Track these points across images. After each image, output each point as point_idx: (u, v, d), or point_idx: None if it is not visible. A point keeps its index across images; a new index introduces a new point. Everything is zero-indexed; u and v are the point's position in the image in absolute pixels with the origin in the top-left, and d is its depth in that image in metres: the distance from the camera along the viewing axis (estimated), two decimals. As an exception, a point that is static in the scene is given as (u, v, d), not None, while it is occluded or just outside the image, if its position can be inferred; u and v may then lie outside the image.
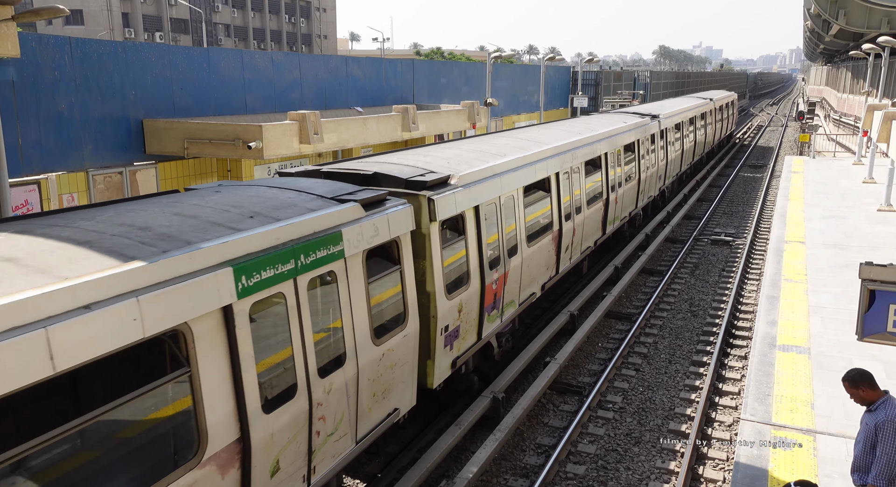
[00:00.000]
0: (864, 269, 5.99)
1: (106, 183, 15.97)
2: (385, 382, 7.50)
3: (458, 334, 9.12)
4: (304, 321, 6.24)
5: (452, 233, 9.01)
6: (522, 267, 11.10)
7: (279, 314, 5.98)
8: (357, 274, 6.99)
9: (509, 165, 10.83)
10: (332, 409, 6.60)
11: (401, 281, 7.79)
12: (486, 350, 10.52)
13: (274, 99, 20.74)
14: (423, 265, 8.36)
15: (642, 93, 53.11)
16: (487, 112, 26.50)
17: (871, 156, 23.61)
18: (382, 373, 7.42)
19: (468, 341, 9.47)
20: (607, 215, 16.20)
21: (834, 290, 12.58)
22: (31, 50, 14.02)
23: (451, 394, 9.97)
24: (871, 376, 5.51)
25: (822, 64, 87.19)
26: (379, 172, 8.66)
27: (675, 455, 9.28)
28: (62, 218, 5.75)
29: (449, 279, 8.79)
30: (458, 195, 8.92)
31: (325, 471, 6.61)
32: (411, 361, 8.01)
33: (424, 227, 8.30)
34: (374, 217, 7.28)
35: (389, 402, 7.66)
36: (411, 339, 7.93)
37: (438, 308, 8.45)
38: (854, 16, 37.88)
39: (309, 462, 6.41)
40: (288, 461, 6.09)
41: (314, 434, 6.38)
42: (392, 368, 7.61)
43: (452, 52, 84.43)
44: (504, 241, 10.36)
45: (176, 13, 66.05)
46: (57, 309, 4.20)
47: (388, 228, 7.45)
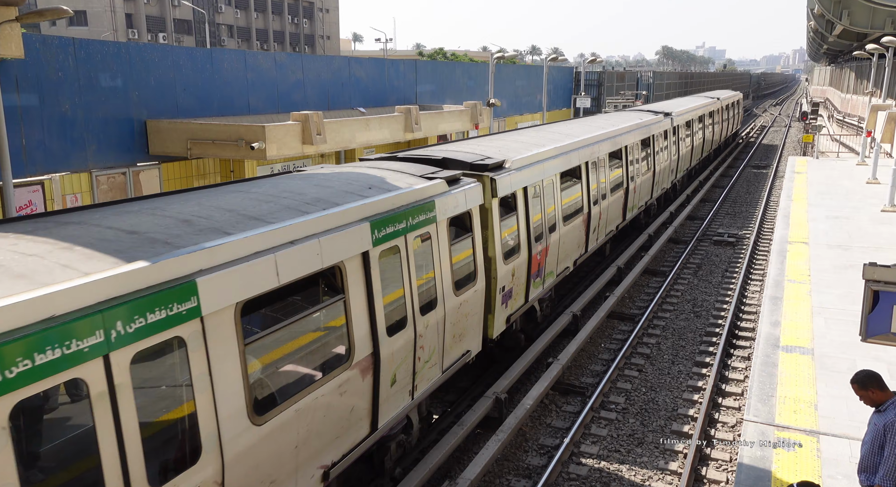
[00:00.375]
0: (867, 270, 5.97)
1: (109, 183, 16.00)
2: (461, 327, 9.13)
3: (512, 295, 10.76)
4: (411, 270, 7.93)
5: (507, 209, 10.58)
6: (560, 243, 12.70)
7: (396, 262, 7.68)
8: (444, 237, 8.62)
9: (548, 154, 12.42)
10: (428, 342, 8.31)
11: (472, 246, 9.42)
12: (529, 313, 12.09)
13: (277, 99, 20.77)
14: (486, 234, 9.94)
15: (645, 94, 53.07)
16: (490, 112, 26.51)
17: (875, 156, 23.55)
18: (460, 320, 9.04)
19: (518, 302, 11.14)
20: (627, 203, 17.73)
21: (837, 291, 12.55)
22: (35, 51, 14.06)
23: (502, 350, 11.58)
24: (879, 377, 5.50)
25: (826, 64, 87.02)
26: (447, 157, 10.16)
27: (678, 455, 9.27)
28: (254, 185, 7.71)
29: (505, 247, 10.41)
30: (512, 177, 10.53)
31: (422, 391, 8.33)
32: (479, 313, 9.63)
33: (487, 202, 9.89)
34: (455, 192, 8.88)
35: (463, 344, 9.32)
36: (479, 294, 9.54)
37: (498, 271, 10.11)
38: (858, 16, 37.80)
39: (413, 381, 8.09)
40: (401, 376, 7.81)
41: (417, 359, 8.07)
42: (466, 316, 9.22)
43: (455, 53, 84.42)
44: (546, 219, 12.01)
45: (179, 14, 66.17)
46: (282, 240, 6.10)
47: (464, 201, 9.08)
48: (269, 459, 5.80)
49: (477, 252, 9.42)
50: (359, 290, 6.95)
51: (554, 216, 12.38)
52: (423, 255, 8.20)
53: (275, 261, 5.82)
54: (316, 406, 6.28)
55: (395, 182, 8.35)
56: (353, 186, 7.84)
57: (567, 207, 13.12)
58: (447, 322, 8.65)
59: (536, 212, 11.55)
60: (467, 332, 9.32)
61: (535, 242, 11.45)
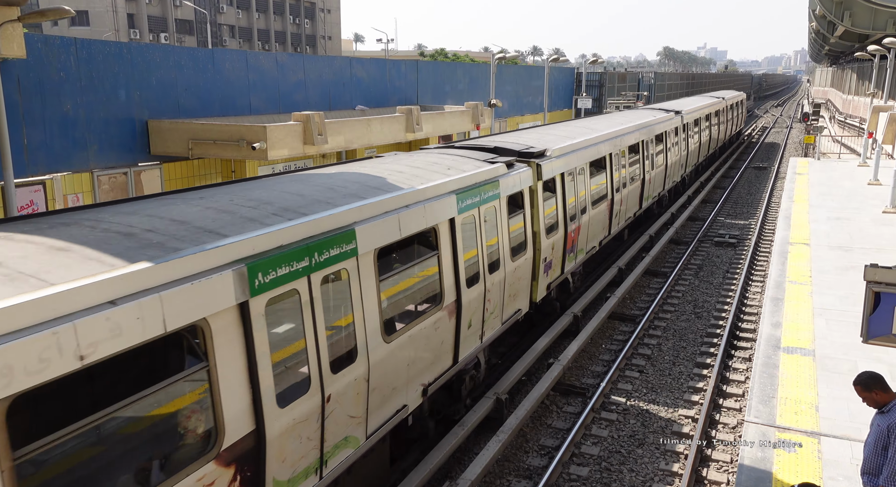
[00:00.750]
0: (868, 271, 5.97)
1: (111, 183, 16.01)
2: (514, 288, 10.66)
3: (551, 266, 12.38)
4: (482, 235, 9.39)
5: (548, 192, 12.12)
6: (589, 224, 14.33)
7: (472, 228, 9.17)
8: (504, 210, 10.15)
9: (580, 145, 13.99)
10: (493, 296, 9.81)
11: (523, 220, 10.99)
12: (563, 285, 13.74)
13: (278, 100, 20.79)
14: (533, 212, 11.41)
15: (646, 95, 53.05)
16: (491, 113, 26.51)
17: (877, 157, 23.54)
18: (514, 282, 10.57)
19: (556, 273, 12.73)
20: (643, 192, 19.44)
21: (839, 292, 12.54)
22: (36, 51, 14.07)
23: (541, 315, 13.17)
24: (882, 379, 5.48)
25: (827, 65, 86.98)
26: (498, 146, 11.78)
27: (679, 456, 9.26)
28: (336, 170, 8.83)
29: (547, 224, 11.96)
30: (553, 163, 12.12)
31: (488, 336, 9.91)
32: (528, 278, 11.25)
33: (533, 184, 11.39)
34: (512, 174, 10.47)
35: (516, 304, 10.92)
36: (528, 262, 11.16)
37: (542, 243, 11.67)
38: (859, 17, 37.79)
39: (482, 327, 9.64)
40: (474, 321, 9.33)
41: (485, 310, 9.60)
42: (518, 280, 10.79)
43: (456, 54, 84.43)
44: (578, 202, 13.59)
45: (181, 14, 66.23)
46: (401, 204, 7.66)
47: (518, 182, 10.66)
48: (393, 369, 7.49)
49: (527, 226, 11.13)
50: (447, 248, 8.53)
51: (584, 200, 14.06)
52: (491, 225, 9.77)
53: (398, 219, 7.50)
54: (420, 335, 7.94)
55: (465, 165, 9.88)
56: (436, 167, 9.45)
57: (595, 193, 14.80)
58: (506, 282, 10.28)
59: (571, 195, 13.21)
60: (519, 293, 10.98)
61: (570, 221, 13.12)
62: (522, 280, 10.95)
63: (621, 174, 16.70)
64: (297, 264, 6.00)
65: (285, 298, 5.91)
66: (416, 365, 7.93)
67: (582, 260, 14.21)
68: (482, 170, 9.73)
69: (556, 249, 12.35)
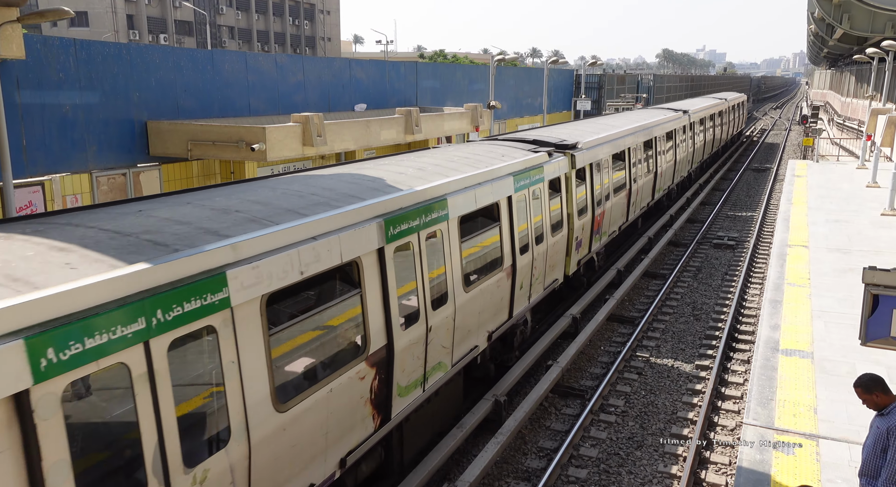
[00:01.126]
0: (867, 274, 5.96)
1: (109, 184, 16.00)
2: (553, 260, 12.39)
3: (581, 244, 13.98)
4: (531, 212, 11.19)
5: (579, 179, 13.72)
6: (611, 210, 16.01)
7: (524, 205, 10.88)
8: (546, 193, 11.86)
9: (604, 139, 15.66)
10: (538, 264, 11.59)
11: (560, 202, 12.60)
12: (589, 263, 15.29)
13: (277, 101, 20.79)
14: (568, 196, 13.01)
15: (645, 97, 53.09)
16: (490, 115, 26.52)
17: (875, 160, 23.56)
18: (553, 254, 12.33)
19: (584, 251, 14.37)
20: (656, 184, 21.17)
21: (837, 295, 12.55)
22: (35, 51, 14.07)
23: (569, 289, 14.84)
24: (883, 381, 5.48)
25: (826, 68, 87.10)
26: (536, 139, 13.53)
27: (678, 459, 9.26)
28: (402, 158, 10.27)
29: (578, 207, 13.57)
30: (583, 154, 13.73)
31: (534, 298, 11.72)
32: (563, 253, 13.01)
33: (568, 172, 13.00)
34: (552, 161, 12.15)
35: (553, 274, 12.63)
36: (564, 239, 12.86)
37: (574, 223, 13.28)
38: (858, 20, 37.83)
39: (530, 289, 11.38)
40: (525, 284, 11.09)
41: (532, 275, 11.37)
42: (556, 253, 12.51)
43: (456, 55, 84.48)
44: (603, 189, 15.30)
45: (180, 15, 66.24)
46: (475, 181, 9.45)
47: (558, 169, 12.36)
48: (470, 314, 9.15)
49: (563, 207, 12.77)
50: (506, 221, 10.19)
51: (608, 188, 15.75)
52: (537, 203, 11.45)
53: (475, 194, 9.24)
54: (487, 290, 9.61)
55: (514, 153, 11.62)
56: (493, 154, 11.20)
57: (616, 182, 16.56)
58: (547, 254, 11.96)
59: (598, 183, 14.89)
60: (556, 265, 12.75)
61: (597, 206, 14.80)
62: (559, 253, 12.78)
63: (638, 167, 18.66)
64: (412, 222, 7.66)
65: (405, 249, 7.62)
66: (484, 314, 9.63)
67: (605, 242, 15.97)
68: (530, 157, 11.56)
69: (584, 230, 14.10)
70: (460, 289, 8.77)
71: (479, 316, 9.45)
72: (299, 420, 6.02)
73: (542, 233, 11.62)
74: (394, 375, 7.46)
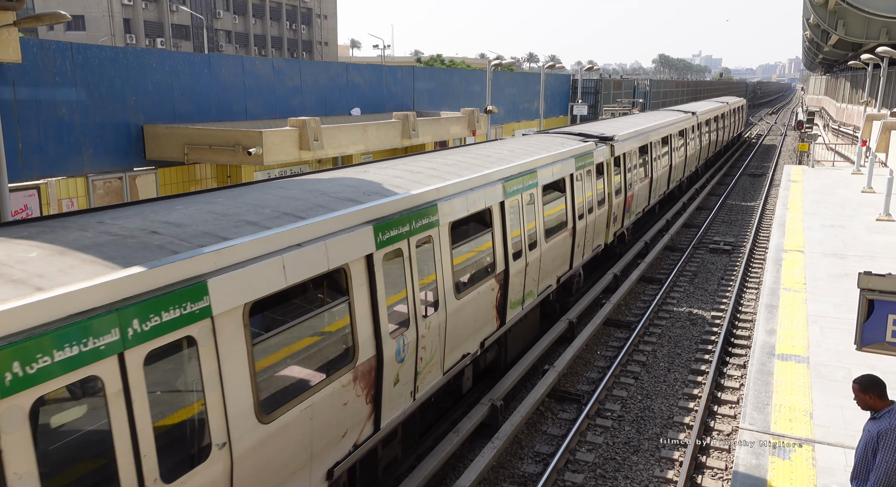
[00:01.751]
0: (862, 279, 5.97)
1: (105, 188, 15.96)
2: (598, 229, 15.26)
3: (616, 220, 16.95)
4: (584, 188, 13.93)
5: (617, 166, 16.76)
6: (637, 193, 19.08)
7: (581, 182, 13.72)
8: (594, 174, 14.67)
9: (633, 134, 18.62)
10: (589, 231, 14.43)
11: (603, 183, 15.52)
12: (620, 237, 18.29)
13: (274, 105, 20.77)
14: (608, 178, 15.86)
15: (642, 102, 53.21)
16: (487, 119, 26.54)
17: (870, 165, 23.63)
18: (598, 224, 15.18)
19: (618, 225, 17.28)
20: (671, 176, 24.45)
21: (833, 300, 12.57)
22: (32, 55, 14.05)
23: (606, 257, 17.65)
24: (883, 386, 5.50)
25: (821, 73, 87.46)
26: (582, 132, 16.67)
27: (674, 463, 9.25)
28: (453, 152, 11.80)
29: (616, 188, 16.63)
30: (620, 145, 16.80)
31: (586, 257, 14.66)
32: (604, 224, 15.84)
33: (609, 159, 15.91)
34: (598, 149, 15.12)
35: (597, 241, 15.44)
36: (605, 213, 15.72)
37: (613, 201, 16.22)
38: (853, 26, 38.03)
39: (584, 249, 14.42)
40: (580, 244, 13.83)
41: (585, 238, 14.26)
42: (601, 223, 15.42)
43: (453, 60, 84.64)
44: (633, 175, 18.38)
45: (177, 19, 66.25)
46: (542, 164, 11.78)
47: (602, 155, 15.26)
48: (547, 262, 11.88)
49: (605, 187, 15.65)
50: (569, 193, 13.09)
51: (636, 175, 18.79)
52: (587, 182, 14.25)
53: (551, 170, 11.85)
54: (555, 245, 12.20)
55: (570, 143, 14.39)
56: (554, 143, 13.98)
57: (641, 171, 19.61)
58: (595, 223, 14.93)
59: (629, 170, 17.83)
60: (599, 235, 15.48)
61: (628, 189, 17.77)
62: (601, 225, 15.52)
63: (658, 159, 21.72)
64: (523, 183, 10.81)
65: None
66: (554, 263, 12.43)
67: (633, 220, 19.15)
68: (583, 145, 14.51)
69: (619, 208, 17.03)
70: (543, 240, 11.64)
71: (552, 263, 12.31)
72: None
73: (592, 205, 14.57)
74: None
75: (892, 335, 5.94)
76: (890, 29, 36.66)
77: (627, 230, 18.90)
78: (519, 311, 10.95)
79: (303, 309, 6.37)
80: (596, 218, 14.86)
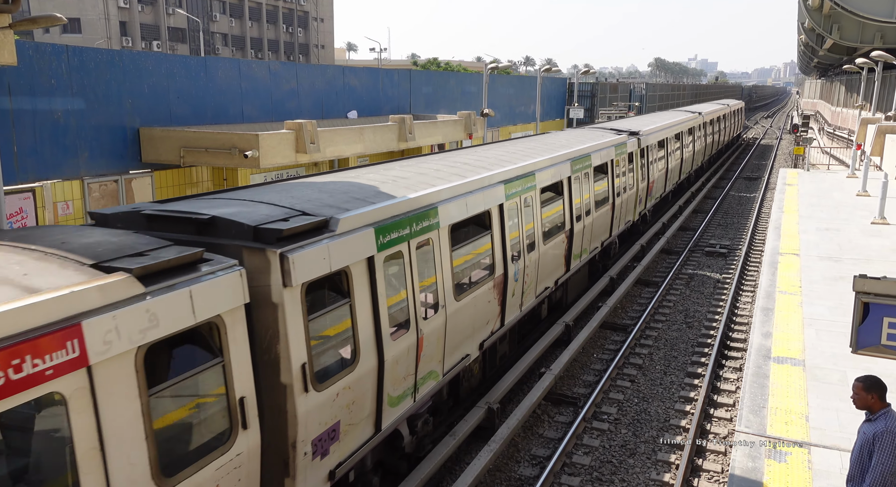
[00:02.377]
0: (858, 282, 5.99)
1: (101, 191, 15.93)
2: (629, 207, 18.33)
3: (640, 201, 20.04)
4: (621, 173, 17.13)
5: (642, 158, 19.73)
6: (656, 182, 21.97)
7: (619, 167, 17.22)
8: (627, 161, 17.84)
9: (654, 130, 21.64)
10: (623, 208, 17.38)
11: (633, 170, 18.52)
12: (643, 217, 21.50)
13: (271, 108, 20.77)
14: (635, 166, 18.87)
15: (638, 105, 53.33)
16: (484, 122, 26.57)
17: (865, 169, 23.73)
18: (630, 203, 18.32)
19: (641, 207, 20.36)
20: (682, 168, 27.68)
21: (828, 302, 12.61)
22: (28, 58, 14.02)
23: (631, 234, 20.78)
24: (885, 387, 5.51)
25: (817, 77, 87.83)
26: (613, 128, 19.78)
27: (670, 466, 9.26)
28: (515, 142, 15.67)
29: (642, 175, 19.74)
30: (645, 138, 19.98)
31: (621, 229, 17.70)
32: (633, 203, 18.89)
33: (636, 150, 18.91)
34: (629, 141, 18.12)
35: (627, 217, 18.55)
36: (633, 196, 18.70)
37: (639, 185, 19.34)
38: (847, 30, 38.21)
39: (620, 223, 17.58)
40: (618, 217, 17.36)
41: (622, 213, 17.48)
42: (630, 202, 18.53)
43: (449, 63, 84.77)
44: (654, 165, 21.51)
45: (173, 22, 66.21)
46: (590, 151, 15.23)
47: (632, 146, 18.33)
48: (598, 228, 15.18)
49: (634, 173, 18.74)
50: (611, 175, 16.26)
51: (655, 166, 21.62)
52: (625, 167, 17.67)
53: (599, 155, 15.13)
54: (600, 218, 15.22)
55: (607, 135, 17.56)
56: (596, 135, 17.43)
57: (660, 163, 22.57)
58: (627, 202, 18.01)
59: (651, 160, 20.82)
60: (630, 211, 18.68)
61: (651, 177, 20.99)
62: (630, 205, 18.61)
63: (673, 153, 24.87)
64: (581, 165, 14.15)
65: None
66: (599, 231, 15.53)
67: (652, 204, 22.48)
68: (618, 137, 17.63)
69: (641, 193, 19.91)
70: (593, 211, 14.80)
71: (595, 232, 15.08)
72: (627, 199, 12.40)
73: (624, 187, 17.65)
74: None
75: (888, 338, 5.96)
76: (884, 33, 36.84)
77: (648, 212, 22.36)
78: (578, 262, 14.36)
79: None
80: (629, 197, 18.30)
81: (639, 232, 21.34)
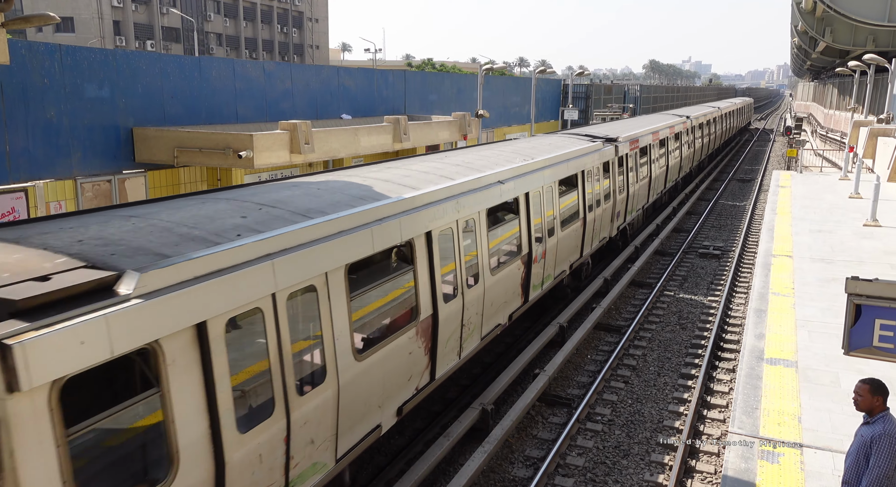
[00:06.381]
0: (850, 284, 6.01)
1: (94, 191, 15.86)
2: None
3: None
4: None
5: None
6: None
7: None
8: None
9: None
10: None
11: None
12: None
13: (265, 108, 20.72)
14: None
15: (632, 107, 53.45)
16: (478, 123, 26.58)
17: (857, 171, 23.85)
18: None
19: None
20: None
21: (821, 304, 12.66)
22: (20, 57, 13.95)
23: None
24: (888, 394, 5.56)
25: (809, 80, 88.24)
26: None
27: (664, 467, 9.28)
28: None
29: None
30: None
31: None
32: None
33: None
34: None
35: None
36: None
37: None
38: (840, 33, 38.38)
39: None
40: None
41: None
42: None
43: (444, 64, 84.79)
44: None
45: (168, 22, 66.00)
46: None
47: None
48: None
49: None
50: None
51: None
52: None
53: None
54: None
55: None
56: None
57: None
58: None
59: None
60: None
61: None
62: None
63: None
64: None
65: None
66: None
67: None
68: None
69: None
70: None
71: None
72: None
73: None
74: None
75: (879, 339, 5.98)
76: (877, 36, 37.03)
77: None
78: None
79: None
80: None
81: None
